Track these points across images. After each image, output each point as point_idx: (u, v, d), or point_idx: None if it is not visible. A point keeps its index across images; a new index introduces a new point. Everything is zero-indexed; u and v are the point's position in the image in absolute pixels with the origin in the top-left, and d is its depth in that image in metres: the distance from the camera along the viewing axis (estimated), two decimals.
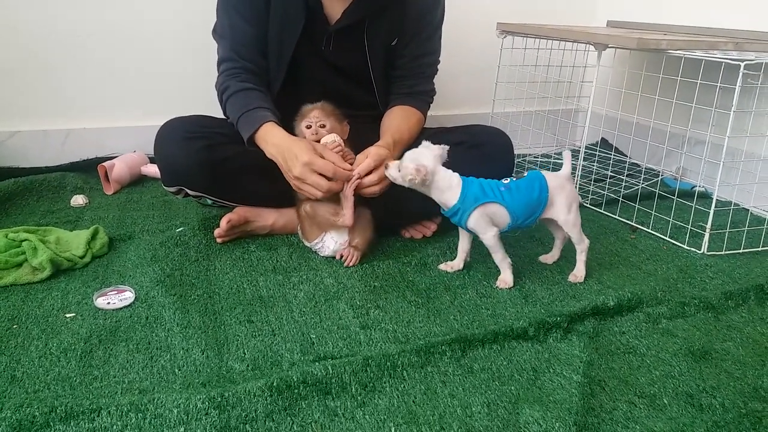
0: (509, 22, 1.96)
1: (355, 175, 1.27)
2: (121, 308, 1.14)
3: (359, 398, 0.91)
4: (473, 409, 0.90)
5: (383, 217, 1.40)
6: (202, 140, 1.35)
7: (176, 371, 0.96)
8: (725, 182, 1.58)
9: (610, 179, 1.98)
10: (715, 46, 1.59)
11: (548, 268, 1.37)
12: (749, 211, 1.72)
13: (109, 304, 1.14)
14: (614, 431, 0.88)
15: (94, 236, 1.38)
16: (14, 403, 0.85)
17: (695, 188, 1.84)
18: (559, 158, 2.17)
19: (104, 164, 1.79)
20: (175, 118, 1.41)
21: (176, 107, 1.53)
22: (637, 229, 1.64)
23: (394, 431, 0.85)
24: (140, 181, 1.88)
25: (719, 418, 0.91)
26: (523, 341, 1.07)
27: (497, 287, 1.27)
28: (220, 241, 1.42)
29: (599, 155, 2.16)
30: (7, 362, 0.97)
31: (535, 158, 2.18)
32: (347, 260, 1.34)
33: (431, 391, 0.94)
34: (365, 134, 1.41)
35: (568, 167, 1.29)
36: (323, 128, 1.34)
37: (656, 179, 1.94)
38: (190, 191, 1.41)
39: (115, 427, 0.82)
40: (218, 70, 1.44)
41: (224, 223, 1.40)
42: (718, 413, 0.92)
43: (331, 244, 1.35)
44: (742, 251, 1.50)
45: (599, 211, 1.75)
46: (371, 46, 1.45)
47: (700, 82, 1.52)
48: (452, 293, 1.24)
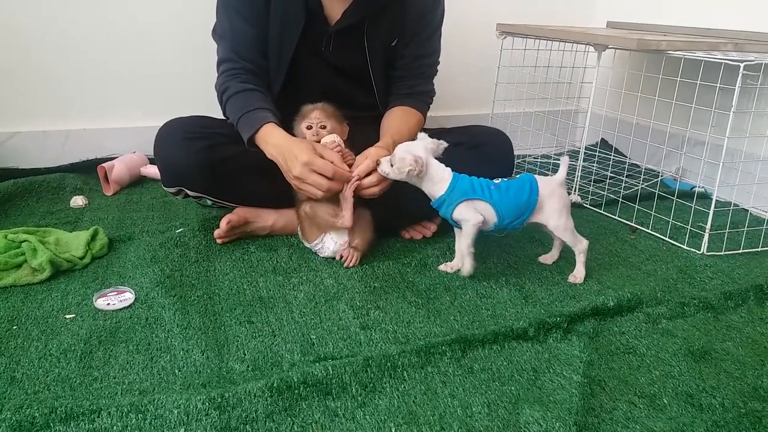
0: (509, 22, 1.97)
1: (354, 176, 1.27)
2: (120, 309, 1.14)
3: (359, 399, 0.91)
4: (473, 409, 0.90)
5: (383, 217, 1.41)
6: (202, 141, 1.35)
7: (176, 372, 0.96)
8: (725, 183, 1.58)
9: (609, 180, 1.98)
10: (714, 46, 1.59)
11: (548, 268, 1.38)
12: (749, 211, 1.72)
13: (108, 305, 1.14)
14: (614, 431, 0.88)
15: (93, 237, 1.38)
16: (14, 404, 0.85)
17: (695, 189, 1.84)
18: (558, 159, 2.17)
19: (104, 165, 1.79)
20: (174, 118, 1.41)
21: (176, 108, 1.53)
22: (636, 229, 1.64)
23: (394, 431, 0.85)
24: (140, 182, 1.88)
25: (719, 417, 0.91)
26: (523, 341, 1.07)
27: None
28: (220, 241, 1.42)
29: (599, 156, 2.17)
30: (6, 363, 0.97)
31: (534, 159, 2.18)
32: (347, 261, 1.34)
33: (431, 391, 0.94)
34: (365, 135, 1.41)
35: (563, 173, 1.29)
36: (324, 129, 1.35)
37: (656, 180, 1.94)
38: (190, 192, 1.41)
39: (115, 428, 0.82)
40: (218, 70, 1.44)
41: (224, 223, 1.40)
42: (717, 413, 0.92)
43: (330, 244, 1.35)
44: (741, 252, 1.50)
45: (599, 211, 1.75)
46: (371, 46, 1.45)
47: (699, 82, 1.52)
48: (452, 294, 1.24)
